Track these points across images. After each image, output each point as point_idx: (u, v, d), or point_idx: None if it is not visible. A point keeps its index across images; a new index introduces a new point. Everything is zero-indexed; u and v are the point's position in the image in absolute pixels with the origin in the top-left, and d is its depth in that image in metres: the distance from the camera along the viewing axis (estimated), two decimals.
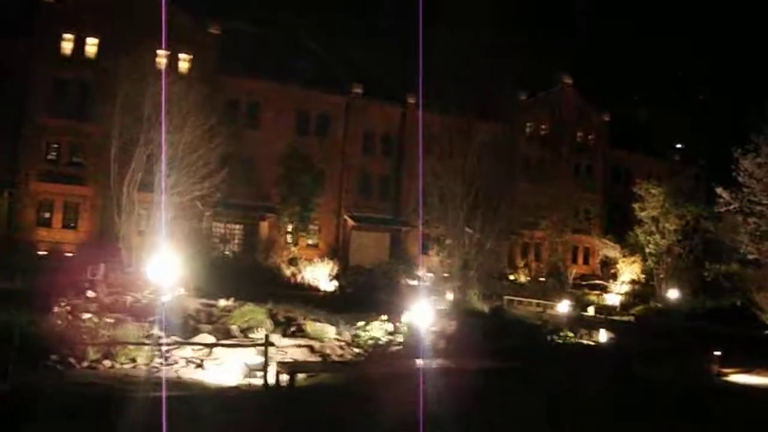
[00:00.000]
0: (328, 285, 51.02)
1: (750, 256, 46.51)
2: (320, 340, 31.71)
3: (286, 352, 29.57)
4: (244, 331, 32.05)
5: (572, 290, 60.20)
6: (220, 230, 68.57)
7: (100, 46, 61.73)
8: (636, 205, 58.65)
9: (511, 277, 62.80)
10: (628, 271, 61.81)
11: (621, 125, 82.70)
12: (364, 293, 47.68)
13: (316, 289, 50.52)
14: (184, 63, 68.41)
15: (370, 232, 69.79)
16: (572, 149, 78.73)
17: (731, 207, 46.22)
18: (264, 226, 67.31)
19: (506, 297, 52.76)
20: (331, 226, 70.37)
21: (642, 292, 58.24)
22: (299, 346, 30.15)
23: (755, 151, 45.09)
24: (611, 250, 62.76)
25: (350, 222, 69.79)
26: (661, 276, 58.71)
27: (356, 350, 31.15)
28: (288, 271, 54.82)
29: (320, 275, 52.58)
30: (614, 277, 63.61)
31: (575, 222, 72.99)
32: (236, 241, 67.65)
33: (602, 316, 48.13)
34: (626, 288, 61.22)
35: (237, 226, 68.01)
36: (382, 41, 77.59)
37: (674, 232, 57.31)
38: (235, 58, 68.06)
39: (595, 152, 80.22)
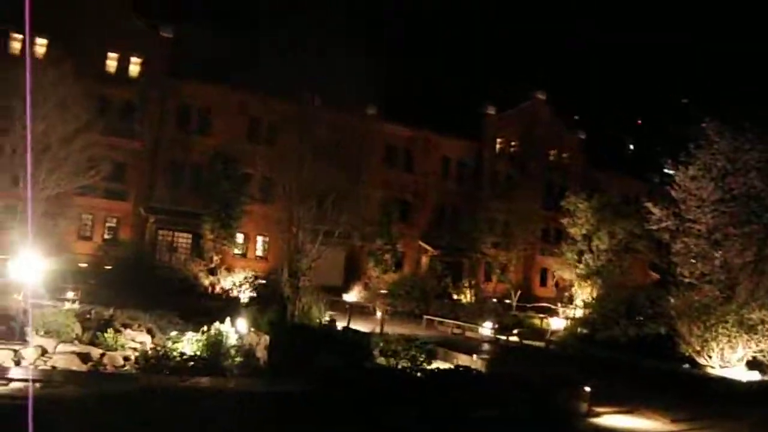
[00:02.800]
0: (245, 294, 44.87)
1: (685, 280, 39.16)
2: (113, 349, 25.42)
3: (50, 359, 26.06)
4: (44, 335, 28.21)
5: (516, 313, 53.10)
6: (167, 239, 62.51)
7: None
8: (565, 221, 51.33)
9: (455, 297, 55.60)
10: (584, 293, 54.25)
11: (599, 144, 75.52)
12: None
13: (227, 299, 44.35)
14: (134, 66, 62.93)
15: (324, 246, 63.08)
16: (545, 167, 71.57)
17: (663, 225, 38.96)
18: (207, 235, 61.14)
19: (425, 317, 45.92)
20: (281, 238, 63.81)
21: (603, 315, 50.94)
22: (74, 353, 24.03)
23: (688, 164, 37.93)
24: (566, 272, 55.29)
25: (301, 235, 63.11)
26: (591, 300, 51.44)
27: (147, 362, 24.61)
28: (206, 281, 48.67)
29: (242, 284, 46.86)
30: (570, 300, 55.97)
31: (542, 242, 65.52)
32: (182, 249, 61.37)
33: (517, 341, 41.17)
34: (580, 312, 53.55)
35: (184, 235, 61.79)
36: (343, 51, 71.48)
37: (605, 252, 49.87)
38: (189, 63, 62.42)
39: (569, 171, 73.12)
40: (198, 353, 26.76)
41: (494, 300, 60.16)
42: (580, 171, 75.93)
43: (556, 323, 52.58)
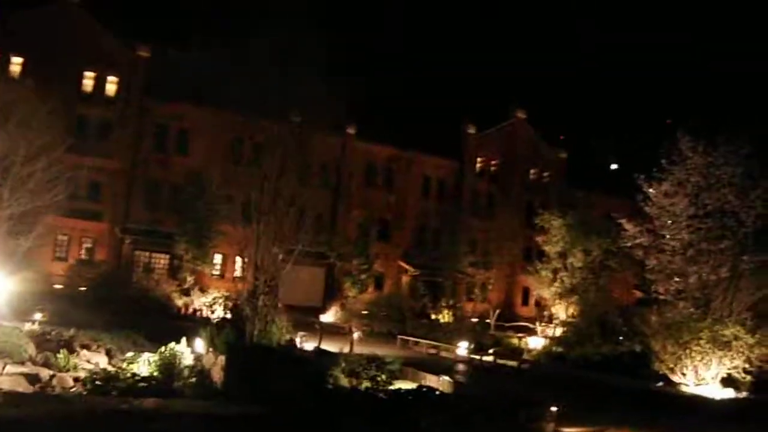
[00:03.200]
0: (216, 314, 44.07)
1: (661, 297, 38.36)
2: (65, 370, 24.49)
3: None
4: None
5: (494, 332, 52.14)
6: (143, 259, 61.46)
7: None
8: (539, 239, 50.44)
9: (433, 317, 54.63)
10: (561, 311, 53.25)
11: (580, 163, 74.64)
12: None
13: (199, 319, 43.51)
14: (111, 85, 62.20)
15: (302, 266, 62.04)
16: (525, 186, 70.75)
17: (637, 242, 38.18)
18: (186, 257, 60.12)
19: (400, 337, 44.98)
20: (260, 258, 62.77)
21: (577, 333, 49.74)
22: (23, 374, 23.13)
23: (662, 180, 37.21)
24: (545, 291, 54.30)
25: (281, 255, 62.17)
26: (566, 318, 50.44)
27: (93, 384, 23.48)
28: (180, 302, 47.72)
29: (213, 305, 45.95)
30: (550, 319, 54.95)
31: (523, 261, 64.63)
32: (159, 270, 60.30)
33: (490, 361, 40.26)
34: (559, 331, 52.52)
35: (161, 255, 60.77)
36: (323, 71, 70.76)
37: (580, 270, 48.94)
38: (166, 82, 61.67)
39: (550, 190, 72.47)
40: (153, 374, 25.80)
41: (474, 320, 59.24)
42: (562, 190, 75.03)
43: (535, 342, 51.77)
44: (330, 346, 39.72)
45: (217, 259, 65.17)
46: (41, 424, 20.18)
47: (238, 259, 66.03)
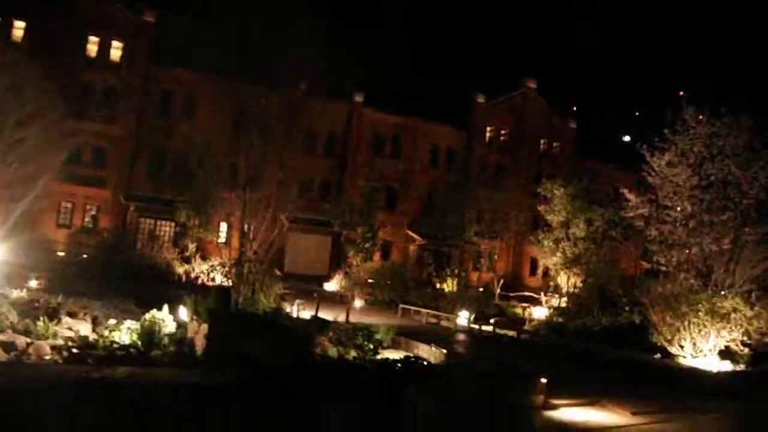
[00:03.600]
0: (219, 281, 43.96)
1: (662, 268, 37.52)
2: (44, 338, 23.99)
3: None
4: None
5: (499, 302, 51.40)
6: (148, 227, 61.12)
7: None
8: (541, 208, 49.48)
9: (438, 286, 53.94)
10: (563, 282, 52.34)
11: (591, 135, 73.44)
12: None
13: (198, 287, 43.01)
14: (116, 51, 61.58)
15: (308, 235, 61.69)
16: (535, 157, 69.65)
17: (639, 212, 37.31)
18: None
19: (401, 306, 44.42)
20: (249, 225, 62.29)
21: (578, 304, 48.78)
22: None
23: (663, 149, 36.34)
24: (550, 260, 53.35)
25: (286, 223, 61.64)
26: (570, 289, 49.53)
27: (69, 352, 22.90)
28: (181, 269, 47.28)
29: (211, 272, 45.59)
30: (556, 289, 54.10)
31: (531, 232, 63.58)
32: (165, 238, 59.84)
33: (490, 331, 39.61)
34: (564, 301, 51.70)
35: (166, 223, 60.39)
36: (330, 38, 69.90)
37: (582, 240, 48.01)
38: (173, 49, 61.02)
39: (560, 161, 71.43)
40: (134, 342, 25.28)
41: (480, 289, 58.49)
42: (572, 161, 73.92)
43: (539, 313, 51.02)
44: (329, 315, 38.78)
45: (223, 227, 64.70)
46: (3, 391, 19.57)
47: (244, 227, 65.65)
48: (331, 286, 55.32)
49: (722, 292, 36.05)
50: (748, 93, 40.30)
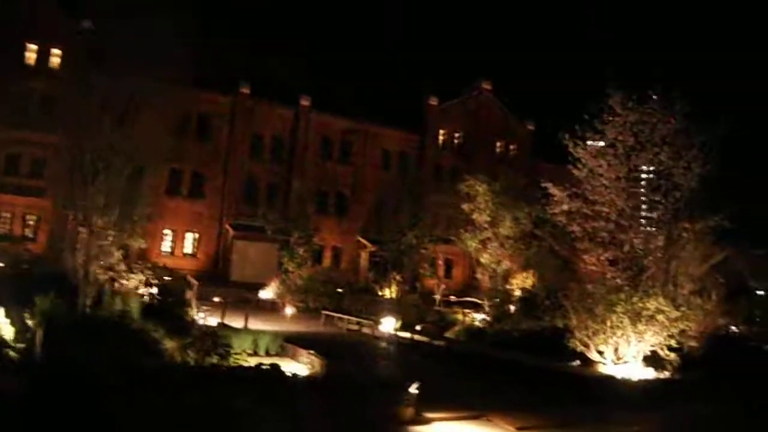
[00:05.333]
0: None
1: (590, 267, 33.10)
2: None
3: None
4: None
5: (439, 308, 46.96)
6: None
7: None
8: (465, 207, 44.86)
9: (380, 292, 49.51)
10: (520, 285, 47.67)
11: (550, 136, 68.67)
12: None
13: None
14: (55, 58, 57.31)
15: (256, 242, 57.30)
16: (491, 159, 65.20)
17: (564, 208, 32.84)
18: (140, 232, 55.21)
19: (324, 313, 40.25)
20: (211, 234, 58.12)
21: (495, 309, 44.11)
22: None
23: (585, 139, 31.98)
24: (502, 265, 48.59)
25: (231, 231, 57.48)
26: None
27: None
28: (103, 278, 42.61)
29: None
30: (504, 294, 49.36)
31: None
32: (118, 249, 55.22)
33: (407, 338, 35.24)
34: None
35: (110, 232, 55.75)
36: (278, 41, 65.81)
37: (508, 240, 43.50)
38: (111, 54, 56.35)
39: (516, 163, 66.63)
40: None
41: (436, 296, 54.13)
42: (528, 163, 69.28)
43: (481, 318, 46.43)
44: (242, 322, 35.20)
45: (169, 235, 60.74)
46: None
47: (189, 235, 61.47)
48: (267, 293, 50.91)
49: (649, 292, 31.44)
50: (677, 75, 35.59)
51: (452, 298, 56.60)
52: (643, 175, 35.66)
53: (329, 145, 65.40)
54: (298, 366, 27.47)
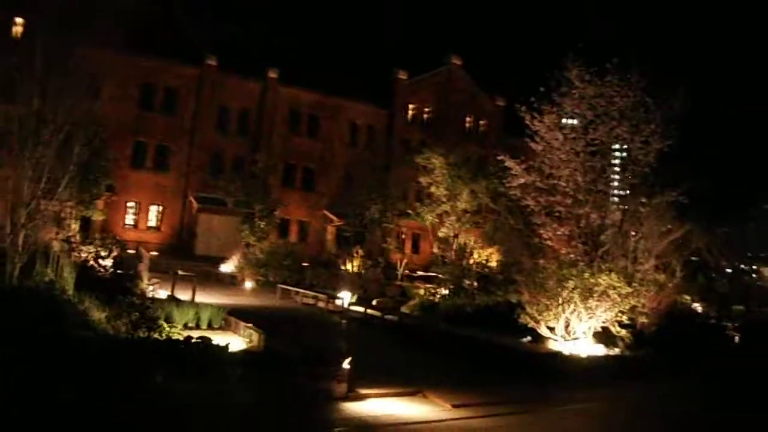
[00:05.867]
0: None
1: (546, 242, 32.28)
2: None
3: None
4: None
5: (401, 283, 45.98)
6: (55, 208, 54.89)
7: None
8: (423, 179, 43.86)
9: (343, 267, 48.47)
10: (485, 261, 46.74)
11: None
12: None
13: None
14: (17, 27, 55.30)
15: (219, 215, 56.06)
16: (460, 134, 64.04)
17: (521, 182, 31.88)
18: (100, 205, 53.79)
19: (280, 286, 39.27)
20: (175, 207, 56.84)
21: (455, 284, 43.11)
22: None
23: (541, 111, 31.11)
24: (475, 241, 47.53)
25: (195, 204, 56.23)
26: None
27: None
28: (57, 248, 41.30)
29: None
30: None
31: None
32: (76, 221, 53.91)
33: (360, 311, 34.31)
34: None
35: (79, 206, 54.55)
36: (244, 11, 64.33)
37: (465, 214, 42.56)
38: (71, 23, 54.59)
39: (487, 139, 65.57)
40: None
41: (404, 270, 53.14)
42: (499, 138, 68.20)
43: (442, 293, 45.43)
44: (210, 296, 35.23)
45: (132, 206, 59.47)
46: None
47: (153, 208, 60.23)
48: (228, 267, 49.83)
49: (602, 267, 30.60)
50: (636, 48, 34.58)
51: (417, 272, 55.74)
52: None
53: (297, 118, 64.13)
54: (238, 339, 26.45)
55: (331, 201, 64.19)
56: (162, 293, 35.12)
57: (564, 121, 34.53)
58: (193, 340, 22.08)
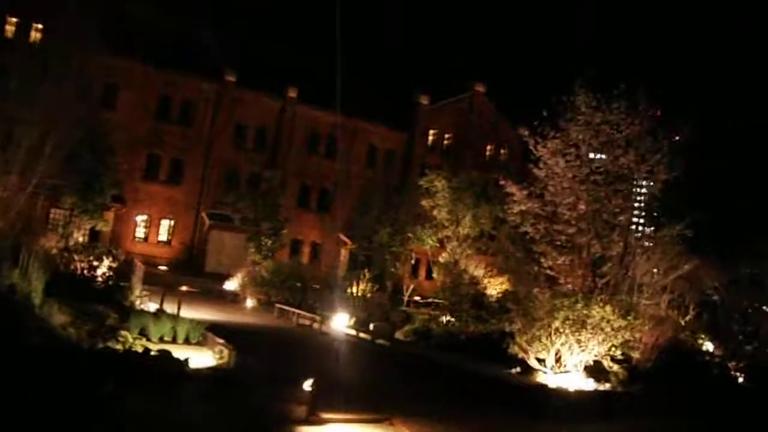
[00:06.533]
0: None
1: (548, 271, 31.12)
2: None
3: None
4: None
5: (406, 308, 44.88)
6: (59, 217, 54.99)
7: None
8: (425, 203, 42.73)
9: (349, 290, 47.47)
10: (495, 288, 45.44)
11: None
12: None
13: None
14: (35, 33, 55.71)
15: (230, 233, 55.53)
16: (480, 162, 62.98)
17: (523, 208, 30.81)
18: (109, 217, 53.53)
19: (278, 306, 38.51)
20: (187, 222, 56.42)
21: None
22: None
23: (550, 136, 30.06)
24: (476, 268, 46.33)
25: (207, 220, 55.76)
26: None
27: None
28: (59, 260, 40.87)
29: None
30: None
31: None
32: (80, 230, 53.61)
33: (353, 334, 33.47)
34: None
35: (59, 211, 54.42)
36: (268, 29, 64.03)
37: (467, 239, 41.35)
38: (93, 33, 54.68)
39: (507, 167, 64.05)
40: None
41: (417, 298, 51.98)
42: (520, 167, 66.81)
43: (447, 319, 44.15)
44: (206, 312, 34.98)
45: (142, 220, 59.13)
46: None
47: (164, 222, 59.84)
48: (232, 285, 49.07)
49: (596, 299, 29.26)
50: (644, 75, 33.39)
51: (429, 299, 54.41)
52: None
53: (315, 138, 63.57)
54: (209, 356, 25.54)
55: (346, 223, 63.27)
56: (152, 306, 34.44)
57: (566, 145, 33.36)
58: (152, 353, 21.20)
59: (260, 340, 28.50)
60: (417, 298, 53.48)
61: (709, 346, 47.72)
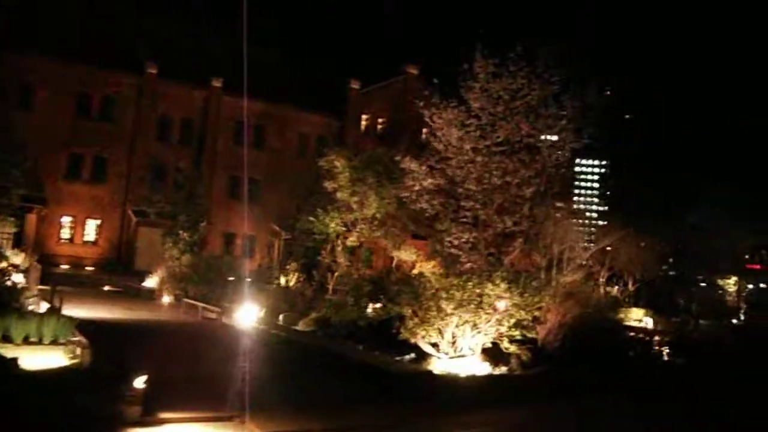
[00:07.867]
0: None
1: (452, 250, 28.85)
2: None
3: None
4: None
5: (331, 296, 42.31)
6: None
7: None
8: (327, 184, 40.27)
9: (279, 282, 45.06)
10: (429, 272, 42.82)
11: None
12: None
13: None
14: None
15: (159, 229, 52.75)
16: (415, 146, 60.18)
17: (424, 184, 28.45)
18: (32, 219, 50.88)
19: (185, 300, 35.98)
20: (114, 221, 53.60)
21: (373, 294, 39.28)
22: None
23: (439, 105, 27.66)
24: (406, 253, 43.88)
25: (133, 217, 52.95)
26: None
27: None
28: None
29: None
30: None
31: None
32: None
33: (253, 326, 30.62)
34: None
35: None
36: (188, 17, 61.18)
37: (374, 221, 39.00)
38: (7, 32, 52.27)
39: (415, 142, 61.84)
40: None
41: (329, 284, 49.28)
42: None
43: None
44: (112, 311, 34.12)
45: (66, 221, 56.35)
46: None
47: (90, 222, 57.07)
48: (151, 282, 46.52)
49: (496, 276, 26.85)
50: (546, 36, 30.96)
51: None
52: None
53: (242, 128, 60.91)
54: (62, 355, 23.09)
55: (279, 214, 60.71)
56: (44, 306, 32.13)
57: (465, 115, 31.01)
58: None
59: (143, 338, 26.11)
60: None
61: (648, 322, 45.94)
